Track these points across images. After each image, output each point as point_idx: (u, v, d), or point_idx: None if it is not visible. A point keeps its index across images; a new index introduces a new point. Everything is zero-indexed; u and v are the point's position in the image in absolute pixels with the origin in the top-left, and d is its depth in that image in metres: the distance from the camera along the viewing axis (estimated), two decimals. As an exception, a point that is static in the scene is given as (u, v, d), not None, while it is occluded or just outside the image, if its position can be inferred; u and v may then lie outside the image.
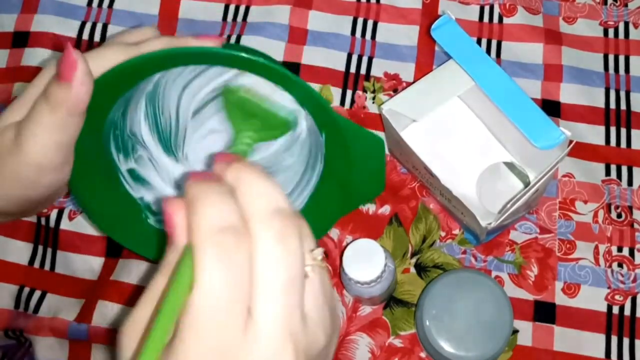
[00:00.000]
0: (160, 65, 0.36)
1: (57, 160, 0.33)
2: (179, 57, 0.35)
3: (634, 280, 0.55)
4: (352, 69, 0.62)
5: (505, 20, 0.63)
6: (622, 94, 0.60)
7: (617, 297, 0.54)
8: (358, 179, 0.43)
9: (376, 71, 0.62)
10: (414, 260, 0.56)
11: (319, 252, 0.28)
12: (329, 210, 0.45)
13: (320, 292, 0.28)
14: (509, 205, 0.47)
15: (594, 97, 0.60)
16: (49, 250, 0.58)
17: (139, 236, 0.43)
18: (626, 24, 0.63)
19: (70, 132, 0.33)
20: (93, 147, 0.38)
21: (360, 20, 0.64)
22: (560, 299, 0.54)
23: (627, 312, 0.54)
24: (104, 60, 0.33)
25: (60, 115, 0.32)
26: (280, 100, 0.40)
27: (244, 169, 0.27)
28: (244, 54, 0.33)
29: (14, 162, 0.33)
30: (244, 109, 0.39)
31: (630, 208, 0.57)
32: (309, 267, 0.27)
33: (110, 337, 0.55)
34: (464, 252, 0.56)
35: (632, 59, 0.62)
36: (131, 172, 0.43)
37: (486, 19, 0.64)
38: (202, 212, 0.25)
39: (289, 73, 0.34)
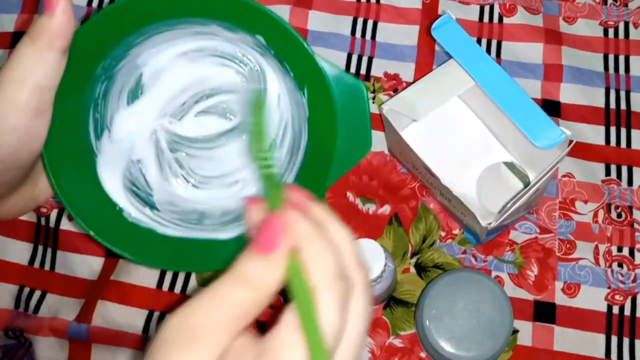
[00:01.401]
0: (144, 11, 0.35)
1: (34, 103, 0.32)
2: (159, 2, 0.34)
3: (634, 280, 0.55)
4: (352, 69, 0.62)
5: (505, 20, 0.63)
6: (622, 94, 0.60)
7: (617, 297, 0.54)
8: (343, 137, 0.41)
9: (376, 71, 0.62)
10: (414, 260, 0.56)
11: None
12: (319, 178, 0.43)
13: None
14: (509, 205, 0.47)
15: (594, 97, 0.60)
16: (49, 250, 0.58)
17: (115, 230, 0.41)
18: (626, 24, 0.63)
19: (50, 73, 0.32)
20: (72, 116, 0.36)
21: (360, 20, 0.64)
22: (560, 299, 0.54)
23: (627, 312, 0.54)
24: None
25: (40, 46, 0.31)
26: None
27: (327, 212, 0.28)
28: None
29: None
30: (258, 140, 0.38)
31: (630, 208, 0.57)
32: None
33: (113, 335, 0.55)
34: (464, 252, 0.56)
35: (632, 59, 0.62)
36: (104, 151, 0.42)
37: (486, 18, 0.64)
38: (320, 254, 0.26)
39: (276, 15, 0.34)
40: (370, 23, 0.64)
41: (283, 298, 0.46)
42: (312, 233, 0.26)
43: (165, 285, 0.56)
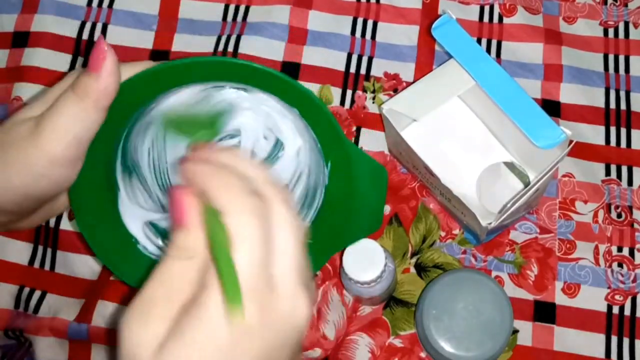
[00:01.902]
0: (184, 75, 0.36)
1: (71, 154, 0.33)
2: (204, 66, 0.35)
3: (634, 280, 0.55)
4: (352, 69, 0.62)
5: (505, 20, 0.63)
6: (622, 94, 0.60)
7: (617, 297, 0.54)
8: (357, 214, 0.42)
9: (376, 71, 0.62)
10: (414, 260, 0.56)
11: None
12: (325, 245, 0.44)
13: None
14: (509, 205, 0.47)
15: (594, 97, 0.60)
16: (49, 250, 0.58)
17: (128, 262, 0.42)
18: (626, 24, 0.63)
19: (90, 127, 0.33)
20: (101, 155, 0.37)
21: (360, 20, 0.64)
22: (560, 299, 0.54)
23: (627, 312, 0.54)
24: (133, 68, 0.34)
25: (86, 105, 0.32)
26: (202, 107, 0.41)
27: (234, 149, 0.31)
28: (268, 69, 0.34)
29: (28, 150, 0.33)
30: (180, 125, 0.39)
31: (630, 208, 0.57)
32: None
33: (111, 336, 0.55)
34: (464, 252, 0.56)
35: (632, 59, 0.62)
36: (127, 189, 0.43)
37: (486, 18, 0.64)
38: (222, 179, 0.28)
39: (307, 90, 0.35)
40: (370, 23, 0.64)
41: None
42: (212, 171, 0.29)
43: (165, 285, 0.56)
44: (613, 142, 0.59)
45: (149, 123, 0.41)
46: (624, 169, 0.58)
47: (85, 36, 0.64)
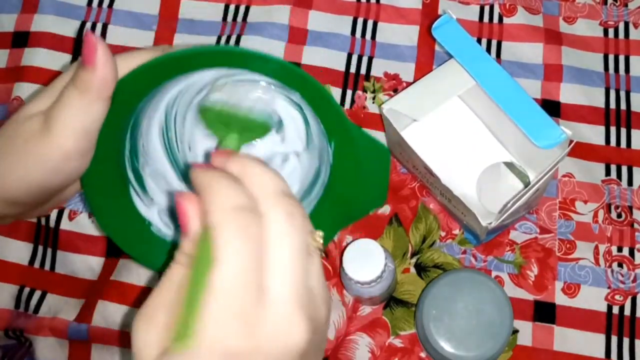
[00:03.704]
0: (187, 64, 0.36)
1: (82, 146, 0.34)
2: (205, 56, 0.35)
3: (634, 280, 0.55)
4: (352, 69, 0.62)
5: (505, 20, 0.63)
6: (622, 94, 0.60)
7: (617, 297, 0.54)
8: (361, 191, 0.43)
9: (376, 71, 0.62)
10: (414, 260, 0.56)
11: (319, 234, 0.30)
12: (331, 222, 0.45)
13: (320, 271, 0.30)
14: (509, 205, 0.47)
15: (594, 97, 0.60)
16: (49, 250, 0.58)
17: (142, 243, 0.43)
18: (626, 24, 0.63)
19: (96, 118, 0.34)
20: (110, 145, 0.38)
21: (360, 20, 0.64)
22: (560, 299, 0.54)
23: (627, 312, 0.54)
24: (133, 59, 0.35)
25: (88, 98, 0.33)
26: (254, 107, 0.41)
27: (247, 158, 0.30)
28: (266, 55, 0.34)
29: (41, 146, 0.33)
30: (222, 120, 0.40)
31: (630, 208, 0.57)
32: (312, 247, 0.30)
33: (113, 335, 0.55)
34: (464, 252, 0.56)
35: (632, 59, 0.62)
36: (139, 180, 0.43)
37: (486, 19, 0.64)
38: (217, 194, 0.28)
39: (307, 75, 0.35)
40: (370, 23, 0.64)
41: None
42: (212, 182, 0.28)
43: (165, 285, 0.56)
44: (613, 142, 0.59)
45: (159, 106, 0.41)
46: (624, 169, 0.58)
47: (85, 36, 0.64)
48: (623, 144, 0.59)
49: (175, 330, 0.26)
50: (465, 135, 0.54)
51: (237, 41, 0.63)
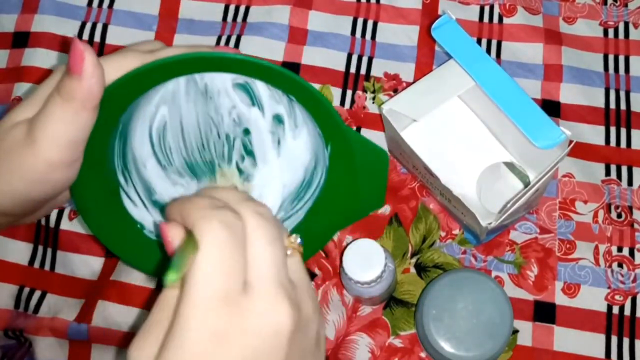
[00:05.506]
0: (175, 70, 0.36)
1: (67, 157, 0.33)
2: (194, 62, 0.35)
3: (634, 280, 0.55)
4: (352, 69, 0.62)
5: (505, 20, 0.63)
6: (622, 94, 0.60)
7: (617, 297, 0.54)
8: (359, 193, 0.43)
9: (376, 71, 0.62)
10: (414, 260, 0.56)
11: (295, 237, 0.32)
12: (328, 223, 0.45)
13: (302, 268, 0.32)
14: (509, 205, 0.47)
15: (594, 97, 0.60)
16: (49, 250, 0.58)
17: (135, 248, 0.43)
18: (626, 24, 0.63)
19: (82, 128, 0.33)
20: (99, 153, 0.37)
21: (360, 20, 0.64)
22: (560, 299, 0.54)
23: (627, 312, 0.54)
24: (120, 64, 0.34)
25: (73, 108, 0.32)
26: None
27: (210, 188, 0.33)
28: (256, 60, 0.34)
29: (25, 156, 0.32)
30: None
31: (630, 208, 0.57)
32: (289, 249, 0.31)
33: (113, 335, 0.55)
34: (464, 252, 0.56)
35: (632, 59, 0.62)
36: (130, 184, 0.43)
37: (486, 19, 0.64)
38: (195, 200, 0.30)
39: (301, 80, 0.35)
40: (370, 23, 0.64)
41: None
42: (186, 199, 0.30)
43: (165, 285, 0.56)
44: (613, 142, 0.59)
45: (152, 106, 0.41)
46: (624, 169, 0.58)
47: (85, 36, 0.64)
48: (623, 144, 0.59)
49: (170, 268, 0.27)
50: (465, 135, 0.54)
51: (237, 41, 0.63)
